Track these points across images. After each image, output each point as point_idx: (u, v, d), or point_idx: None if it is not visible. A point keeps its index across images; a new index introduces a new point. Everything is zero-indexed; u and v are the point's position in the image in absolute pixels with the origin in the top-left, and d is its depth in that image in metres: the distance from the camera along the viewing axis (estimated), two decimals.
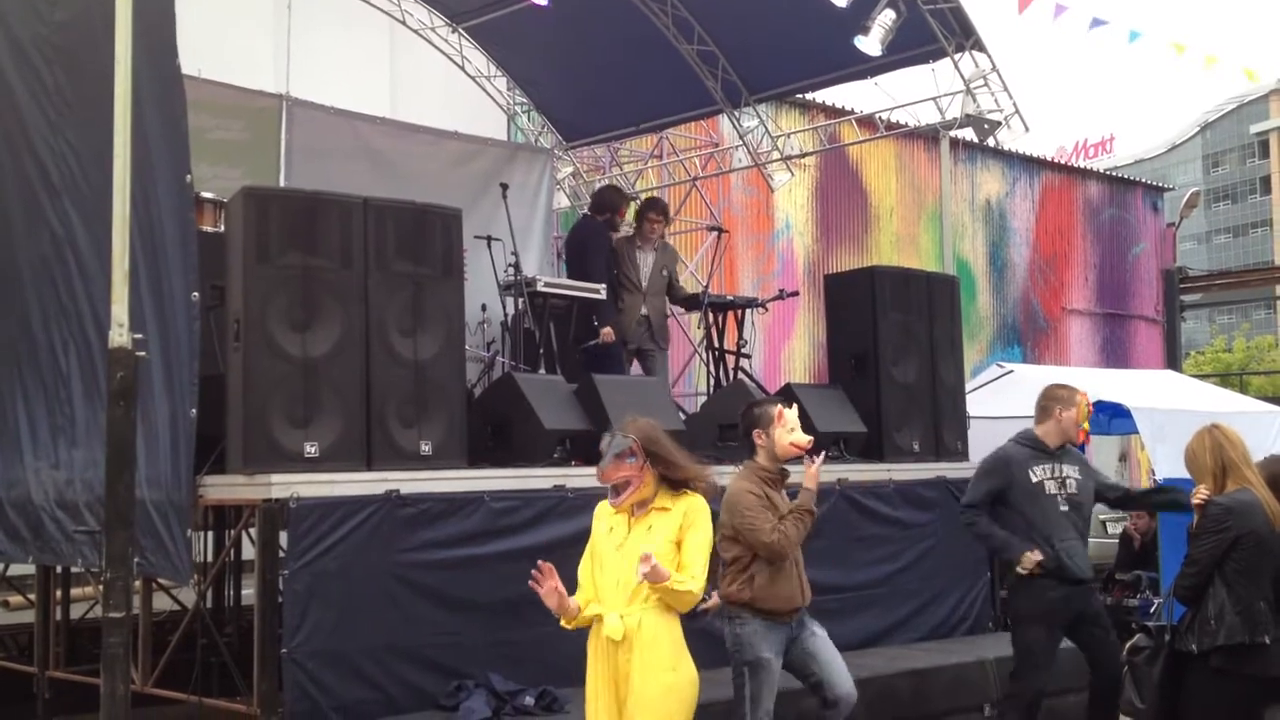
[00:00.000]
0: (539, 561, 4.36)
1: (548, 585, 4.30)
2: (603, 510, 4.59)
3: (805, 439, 5.41)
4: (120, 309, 5.25)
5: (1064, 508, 6.11)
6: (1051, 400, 6.27)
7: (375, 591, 5.80)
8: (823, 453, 5.61)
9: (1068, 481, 6.16)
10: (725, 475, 6.78)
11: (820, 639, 5.42)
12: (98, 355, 6.09)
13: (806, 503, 5.29)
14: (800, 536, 5.25)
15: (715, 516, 4.80)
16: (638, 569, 4.22)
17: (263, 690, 5.52)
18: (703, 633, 6.45)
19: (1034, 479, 6.13)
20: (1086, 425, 6.47)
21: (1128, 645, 5.28)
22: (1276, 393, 24.79)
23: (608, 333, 8.86)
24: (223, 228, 6.89)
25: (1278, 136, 76.66)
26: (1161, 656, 5.10)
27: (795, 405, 5.60)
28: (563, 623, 4.44)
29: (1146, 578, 9.89)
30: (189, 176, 5.95)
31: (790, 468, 5.51)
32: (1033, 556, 5.92)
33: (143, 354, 5.30)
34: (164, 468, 5.92)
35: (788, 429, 5.36)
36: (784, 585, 5.28)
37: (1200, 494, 5.12)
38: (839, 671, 5.40)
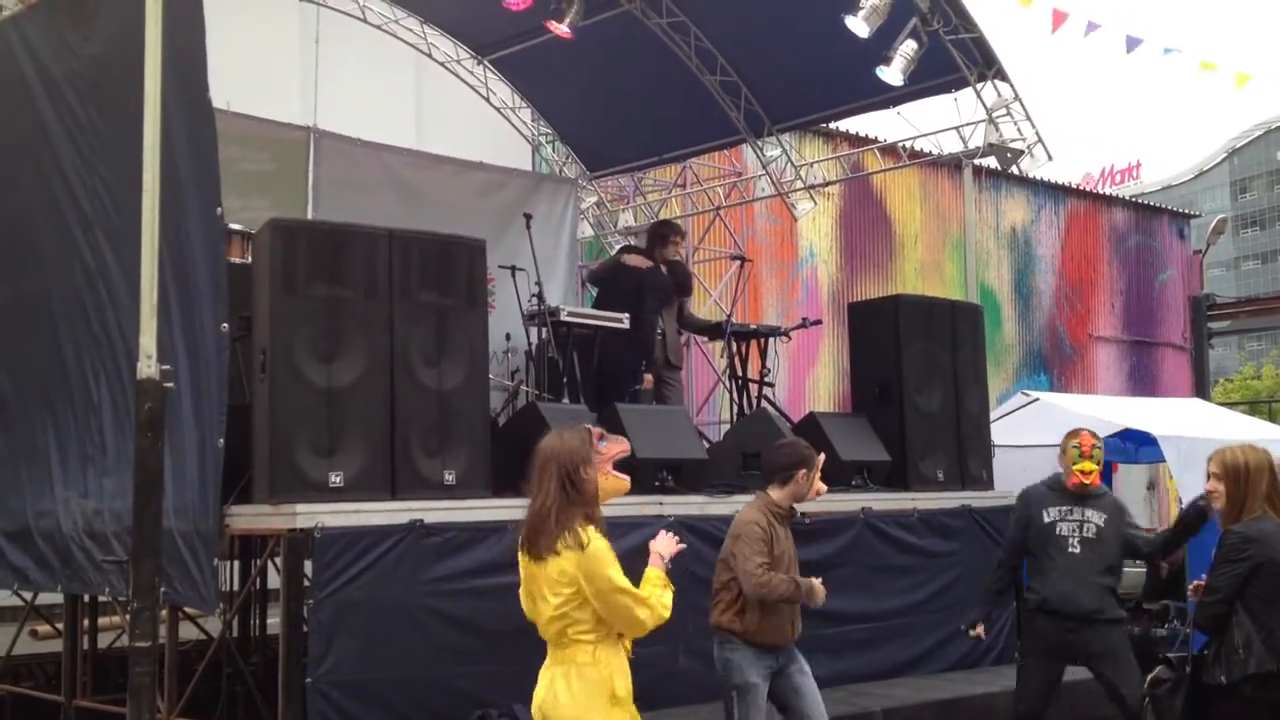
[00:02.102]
0: None
1: None
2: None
3: (824, 486, 5.72)
4: (149, 340, 5.31)
5: (1073, 549, 6.23)
6: (1060, 446, 6.43)
7: (399, 621, 5.82)
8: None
9: (1085, 526, 6.26)
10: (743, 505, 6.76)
11: (807, 676, 5.50)
12: (128, 385, 6.14)
13: (797, 591, 5.39)
14: (783, 597, 5.36)
15: None
16: None
17: (287, 719, 5.54)
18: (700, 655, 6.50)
19: (1045, 519, 6.29)
20: (1085, 465, 6.31)
21: (1149, 678, 5.24)
22: None
23: (649, 379, 8.95)
24: (250, 259, 6.96)
25: None
26: (1183, 688, 5.04)
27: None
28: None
29: (1174, 607, 9.80)
30: (219, 209, 6.02)
31: None
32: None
33: (170, 385, 5.35)
34: (191, 498, 5.97)
35: (819, 476, 5.66)
36: (774, 619, 5.41)
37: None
38: (819, 714, 5.47)
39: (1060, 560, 6.22)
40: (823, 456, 5.74)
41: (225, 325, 5.94)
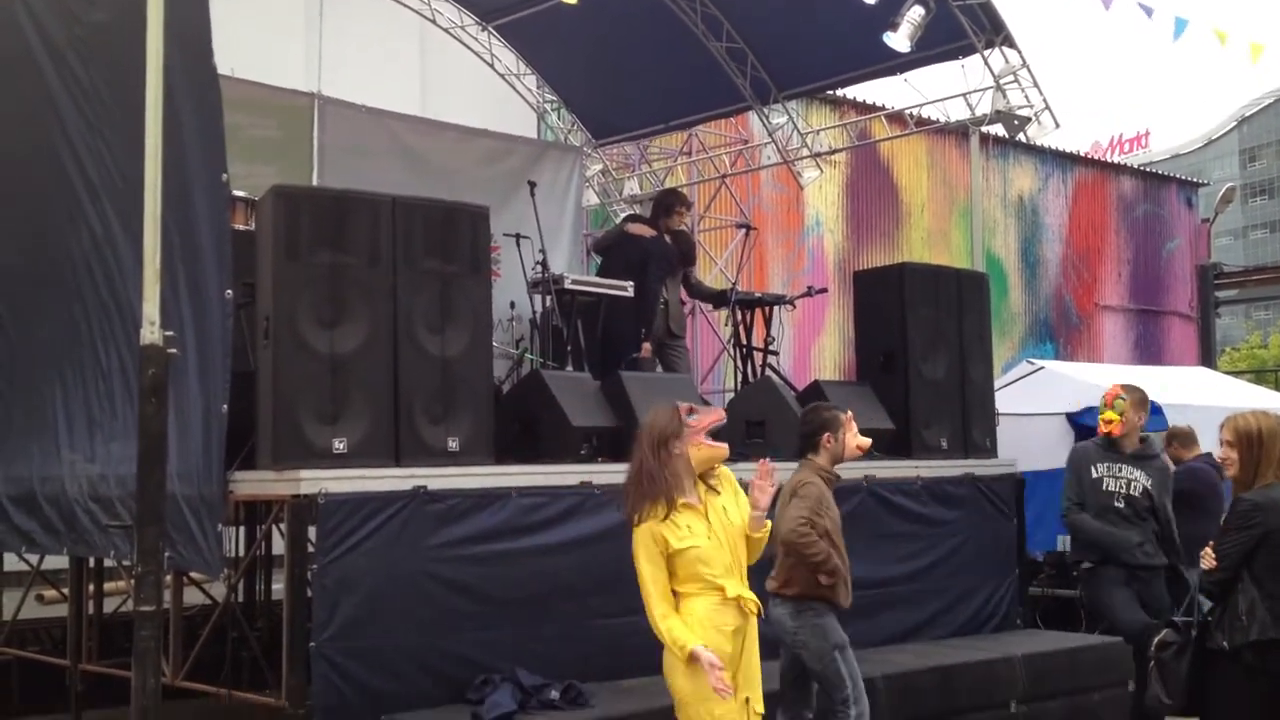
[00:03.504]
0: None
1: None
2: (659, 525, 4.45)
3: (867, 441, 5.80)
4: (152, 306, 5.32)
5: (1119, 504, 6.79)
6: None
7: (403, 586, 5.84)
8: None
9: (1132, 484, 6.81)
10: (747, 472, 6.79)
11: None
12: (136, 352, 6.15)
13: (829, 563, 5.46)
14: (812, 559, 5.42)
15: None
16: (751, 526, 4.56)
17: (291, 683, 5.56)
18: None
19: (1094, 474, 6.82)
20: (1110, 415, 6.87)
21: (1155, 641, 5.25)
22: None
23: (647, 348, 8.96)
24: (254, 226, 6.95)
25: None
26: (1189, 651, 5.06)
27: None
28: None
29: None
30: (225, 175, 6.01)
31: None
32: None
33: (174, 351, 5.36)
34: (196, 463, 5.98)
35: (854, 433, 5.72)
36: (845, 582, 5.53)
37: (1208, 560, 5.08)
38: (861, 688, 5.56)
39: (1112, 515, 6.78)
40: (849, 415, 5.76)
41: (229, 292, 5.93)
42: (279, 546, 6.01)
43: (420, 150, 11.34)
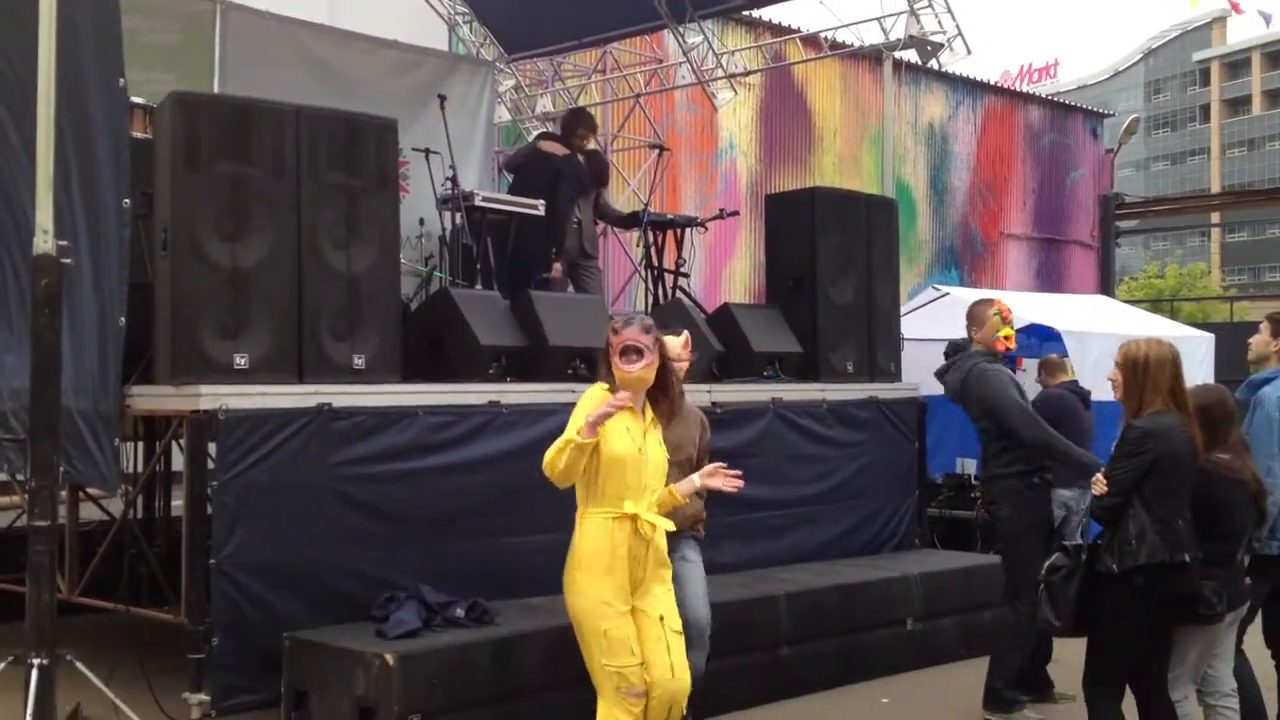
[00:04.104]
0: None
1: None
2: (599, 395, 4.65)
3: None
4: (45, 214, 5.14)
5: None
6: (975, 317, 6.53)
7: (306, 504, 5.79)
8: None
9: None
10: None
11: (690, 564, 5.47)
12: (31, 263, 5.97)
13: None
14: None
15: None
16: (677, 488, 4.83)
17: (190, 600, 5.52)
18: None
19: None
20: (1009, 331, 6.51)
21: (1046, 564, 5.35)
22: (1206, 319, 25.18)
23: (558, 269, 8.88)
24: (151, 134, 6.74)
25: (1219, 65, 77.25)
26: (1078, 575, 5.18)
27: (683, 332, 5.79)
28: (580, 438, 4.50)
29: None
30: (122, 80, 5.83)
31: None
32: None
33: (68, 261, 5.20)
34: (92, 376, 5.85)
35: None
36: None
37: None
38: (695, 596, 5.44)
39: None
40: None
41: (127, 201, 5.78)
42: (179, 462, 5.90)
43: (327, 60, 11.05)
